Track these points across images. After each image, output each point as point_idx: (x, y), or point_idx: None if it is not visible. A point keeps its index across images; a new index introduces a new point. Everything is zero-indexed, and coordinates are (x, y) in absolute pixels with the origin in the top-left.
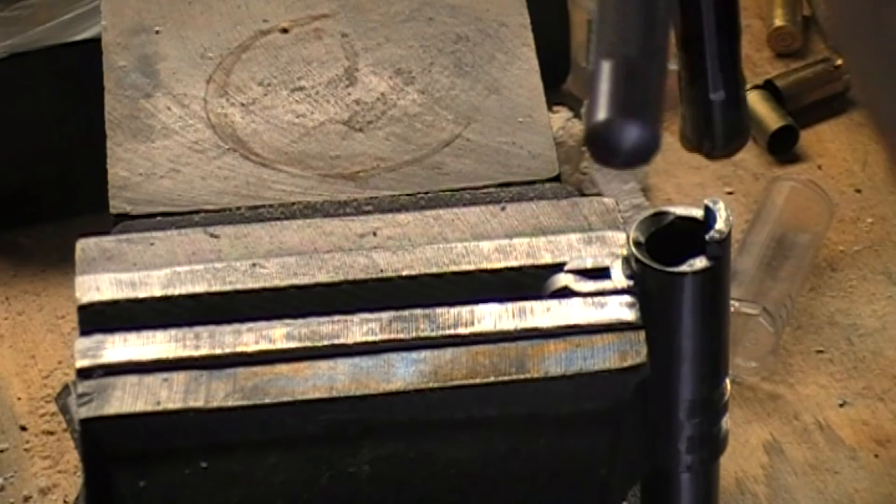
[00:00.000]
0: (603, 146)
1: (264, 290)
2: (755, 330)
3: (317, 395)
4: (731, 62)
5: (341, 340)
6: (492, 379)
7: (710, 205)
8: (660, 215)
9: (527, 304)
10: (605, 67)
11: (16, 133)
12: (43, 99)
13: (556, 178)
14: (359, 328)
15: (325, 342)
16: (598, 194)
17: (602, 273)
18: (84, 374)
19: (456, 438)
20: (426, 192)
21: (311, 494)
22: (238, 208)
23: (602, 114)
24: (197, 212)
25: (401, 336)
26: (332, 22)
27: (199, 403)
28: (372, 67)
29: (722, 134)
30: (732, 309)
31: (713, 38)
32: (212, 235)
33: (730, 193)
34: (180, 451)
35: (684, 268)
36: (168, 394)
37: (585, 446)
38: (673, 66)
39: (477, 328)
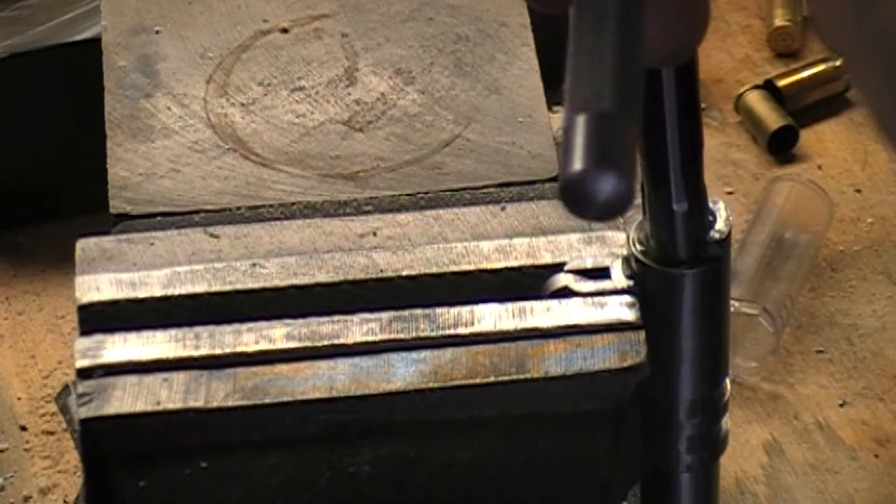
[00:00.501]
0: (578, 197)
1: (264, 290)
2: (755, 330)
3: (317, 395)
4: (694, 172)
5: (341, 340)
6: (492, 379)
7: (711, 205)
8: None
9: (527, 304)
10: (579, 121)
11: (16, 133)
12: (43, 99)
13: (556, 179)
14: (359, 328)
15: (325, 342)
16: None
17: (602, 273)
18: (84, 374)
19: (456, 438)
20: (426, 192)
21: (311, 494)
22: (238, 208)
23: (577, 165)
24: (197, 212)
25: (401, 336)
26: (332, 22)
27: (199, 403)
28: (372, 67)
29: (684, 244)
30: (732, 309)
31: (676, 148)
32: (212, 235)
33: (730, 193)
34: (180, 451)
35: (684, 268)
36: (168, 394)
37: (585, 446)
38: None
39: (477, 328)
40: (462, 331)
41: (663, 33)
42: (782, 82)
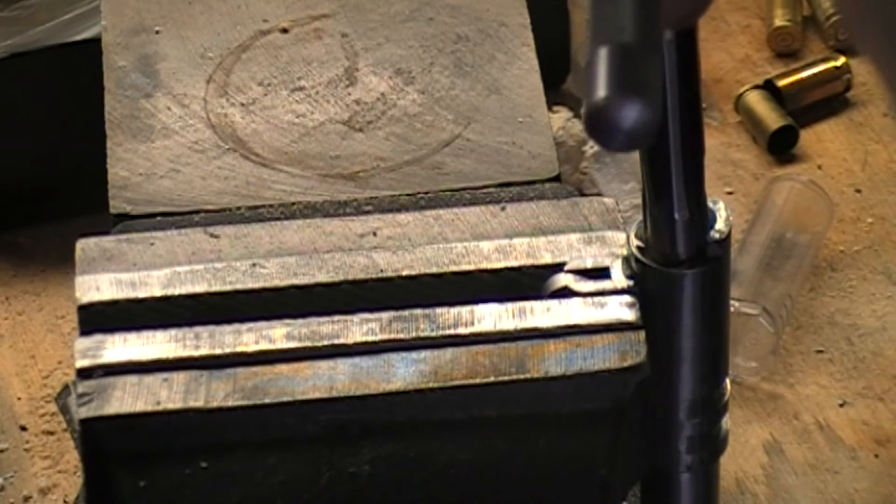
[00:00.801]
0: (603, 124)
1: (264, 290)
2: (755, 330)
3: (317, 395)
4: (696, 181)
5: (341, 340)
6: (492, 379)
7: (710, 205)
8: None
9: (527, 304)
10: (602, 53)
11: (16, 133)
12: (43, 99)
13: (556, 178)
14: (359, 328)
15: (325, 342)
16: (598, 194)
17: (602, 273)
18: (84, 374)
19: (456, 438)
20: (426, 192)
21: (311, 494)
22: (238, 208)
23: (602, 91)
24: (197, 212)
25: (401, 336)
26: (332, 22)
27: (199, 403)
28: (372, 67)
29: (684, 248)
30: (732, 309)
31: (679, 160)
32: (212, 235)
33: (730, 193)
34: (180, 451)
35: (684, 268)
36: (168, 394)
37: (585, 446)
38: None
39: (477, 328)
40: (462, 331)
41: None
42: (782, 82)
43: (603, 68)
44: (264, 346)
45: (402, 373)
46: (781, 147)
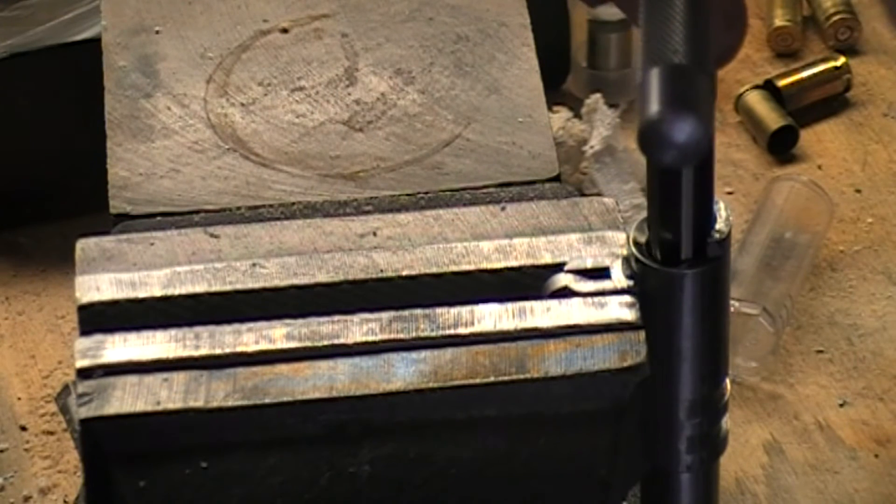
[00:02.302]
0: (656, 139)
1: (264, 290)
2: (755, 330)
3: (317, 395)
4: (705, 185)
5: (341, 340)
6: (492, 379)
7: None
8: None
9: (527, 304)
10: (655, 72)
11: (16, 133)
12: (43, 99)
13: (556, 178)
14: (359, 328)
15: (325, 342)
16: (598, 194)
17: (602, 273)
18: (84, 374)
19: (456, 438)
20: (426, 192)
21: (311, 494)
22: (238, 208)
23: (655, 107)
24: (197, 212)
25: (401, 336)
26: (332, 22)
27: (199, 403)
28: (372, 67)
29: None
30: (732, 309)
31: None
32: (212, 235)
33: (730, 193)
34: (180, 451)
35: (684, 268)
36: (168, 394)
37: (585, 446)
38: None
39: (477, 328)
40: (462, 331)
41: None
42: (782, 82)
43: (656, 86)
44: (264, 346)
45: (402, 373)
46: (781, 147)
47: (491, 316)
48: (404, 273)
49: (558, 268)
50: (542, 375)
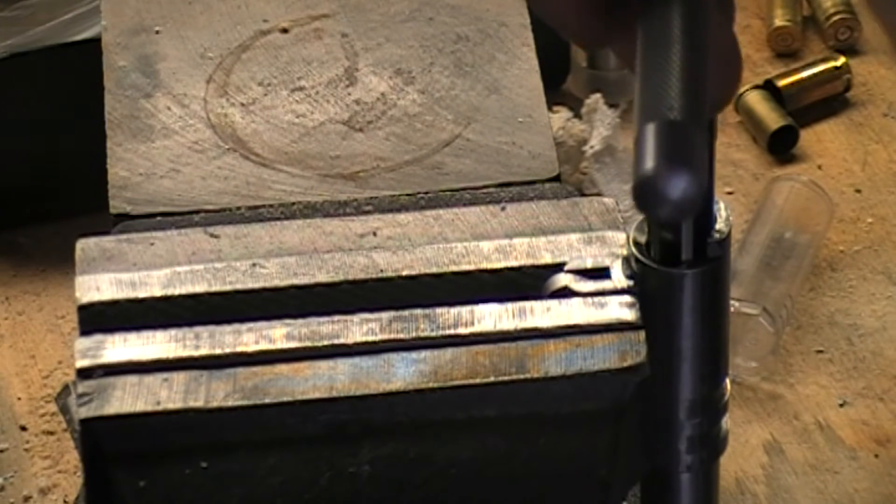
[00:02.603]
0: (651, 195)
1: (264, 290)
2: (755, 330)
3: (317, 395)
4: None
5: (341, 340)
6: (492, 379)
7: None
8: None
9: (527, 304)
10: (650, 128)
11: (16, 133)
12: (43, 99)
13: (556, 178)
14: (359, 328)
15: (325, 342)
16: (598, 194)
17: (602, 273)
18: (84, 374)
19: (456, 438)
20: (426, 192)
21: (311, 494)
22: (238, 208)
23: (650, 163)
24: (197, 212)
25: (401, 336)
26: (332, 22)
27: (199, 403)
28: (372, 67)
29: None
30: (732, 309)
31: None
32: (212, 235)
33: (730, 193)
34: (180, 451)
35: (684, 268)
36: (168, 394)
37: (585, 446)
38: None
39: (477, 328)
40: (462, 331)
41: None
42: (782, 82)
43: (651, 142)
44: (264, 346)
45: (402, 373)
46: (781, 147)
47: (491, 316)
48: (404, 273)
49: (558, 268)
50: (542, 375)
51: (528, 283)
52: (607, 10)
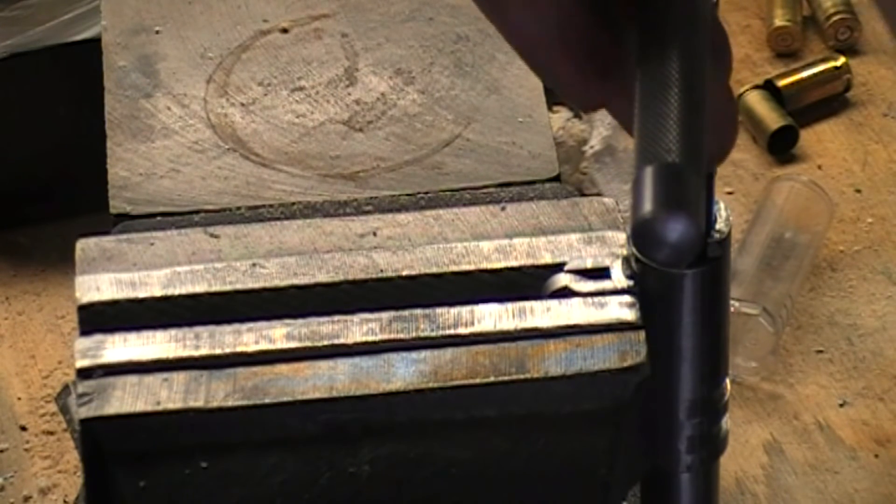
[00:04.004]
0: (649, 238)
1: (264, 290)
2: (755, 330)
3: (317, 395)
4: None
5: (341, 340)
6: (492, 379)
7: None
8: None
9: (527, 304)
10: (648, 171)
11: (16, 133)
12: (43, 99)
13: (556, 178)
14: (359, 328)
15: (325, 342)
16: (598, 194)
17: (602, 273)
18: (84, 374)
19: (456, 438)
20: (426, 192)
21: (311, 494)
22: (238, 208)
23: (648, 206)
24: (197, 212)
25: (401, 336)
26: (332, 22)
27: (199, 403)
28: (372, 67)
29: None
30: (732, 309)
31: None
32: (212, 235)
33: (730, 193)
34: (180, 451)
35: (684, 268)
36: (168, 394)
37: (585, 446)
38: None
39: (477, 328)
40: (462, 331)
41: None
42: (782, 82)
43: (649, 185)
44: (264, 346)
45: (402, 373)
46: (781, 147)
47: (491, 316)
48: (404, 273)
49: (558, 268)
50: (542, 375)
51: (528, 283)
52: (605, 73)
